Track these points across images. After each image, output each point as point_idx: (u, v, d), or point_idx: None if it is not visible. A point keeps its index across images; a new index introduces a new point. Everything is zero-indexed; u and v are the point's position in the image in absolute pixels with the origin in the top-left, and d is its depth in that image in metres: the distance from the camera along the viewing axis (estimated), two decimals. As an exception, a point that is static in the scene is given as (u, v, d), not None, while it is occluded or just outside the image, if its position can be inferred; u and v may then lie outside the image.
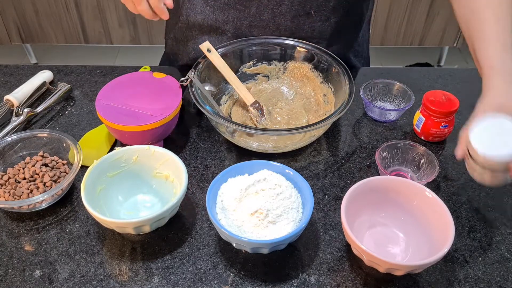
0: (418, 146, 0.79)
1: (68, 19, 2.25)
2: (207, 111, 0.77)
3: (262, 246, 0.62)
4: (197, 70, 0.84)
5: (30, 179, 0.74)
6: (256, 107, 0.87)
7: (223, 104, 0.92)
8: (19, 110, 0.88)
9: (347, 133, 0.88)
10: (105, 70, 1.02)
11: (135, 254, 0.67)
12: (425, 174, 0.77)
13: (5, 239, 0.69)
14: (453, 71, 1.04)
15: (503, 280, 0.65)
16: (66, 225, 0.71)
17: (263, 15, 0.89)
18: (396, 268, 0.59)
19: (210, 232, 0.70)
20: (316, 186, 0.77)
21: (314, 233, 0.70)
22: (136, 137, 0.77)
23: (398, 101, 0.92)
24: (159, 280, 0.64)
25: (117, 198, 0.73)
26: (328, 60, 0.89)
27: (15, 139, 0.77)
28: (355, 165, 0.81)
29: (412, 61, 2.53)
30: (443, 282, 0.65)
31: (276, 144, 0.82)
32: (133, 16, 2.25)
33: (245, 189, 0.67)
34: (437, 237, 0.63)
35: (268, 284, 0.64)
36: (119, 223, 0.64)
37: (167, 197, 0.73)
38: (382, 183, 0.68)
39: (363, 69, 1.04)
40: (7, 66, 1.02)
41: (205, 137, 0.86)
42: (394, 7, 2.20)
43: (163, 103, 0.79)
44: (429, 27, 2.27)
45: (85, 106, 0.93)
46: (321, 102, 0.90)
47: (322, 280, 0.64)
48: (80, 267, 0.65)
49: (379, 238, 0.68)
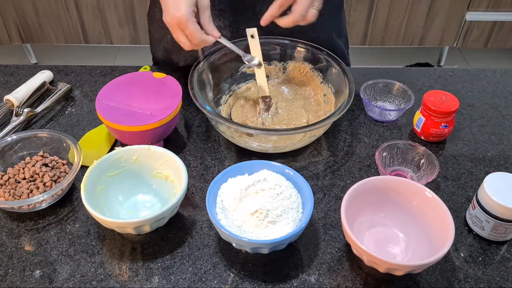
0: (418, 146, 0.79)
1: (68, 19, 2.25)
2: (207, 111, 0.77)
3: (262, 246, 0.62)
4: (197, 70, 0.84)
5: (30, 179, 0.74)
6: (266, 102, 0.87)
7: (223, 104, 0.92)
8: (19, 110, 0.88)
9: (347, 133, 0.88)
10: (105, 70, 1.02)
11: (135, 254, 0.67)
12: (425, 174, 0.77)
13: (5, 239, 0.69)
14: (453, 71, 1.04)
15: (503, 280, 0.65)
16: (66, 225, 0.71)
17: (260, 15, 0.89)
18: (396, 268, 0.59)
19: (210, 232, 0.70)
20: (316, 186, 0.77)
21: (314, 233, 0.70)
22: (136, 137, 0.77)
23: (398, 101, 0.92)
24: (159, 280, 0.64)
25: (117, 198, 0.73)
26: (328, 60, 0.89)
27: (15, 139, 0.77)
28: (355, 165, 0.81)
29: (412, 61, 2.53)
30: (443, 282, 0.65)
31: (276, 144, 0.82)
32: (133, 16, 2.25)
33: (245, 189, 0.67)
34: (437, 237, 0.63)
35: (268, 284, 0.64)
36: (119, 223, 0.64)
37: (167, 197, 0.73)
38: (382, 183, 0.68)
39: (363, 69, 1.04)
40: (7, 66, 1.02)
41: (205, 137, 0.86)
42: (394, 7, 2.20)
43: (163, 103, 0.79)
44: (429, 27, 2.27)
45: (85, 106, 0.93)
46: (321, 102, 0.90)
47: (322, 280, 0.64)
48: (80, 267, 0.65)
49: (379, 238, 0.68)
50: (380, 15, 2.23)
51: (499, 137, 0.87)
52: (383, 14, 2.23)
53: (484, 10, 2.21)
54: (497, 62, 2.60)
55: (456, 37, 2.31)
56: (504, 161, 0.82)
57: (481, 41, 2.33)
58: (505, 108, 0.94)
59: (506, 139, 0.87)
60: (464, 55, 2.64)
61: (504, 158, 0.83)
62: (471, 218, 0.70)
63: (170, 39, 0.99)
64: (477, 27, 2.26)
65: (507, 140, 0.87)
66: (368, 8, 2.21)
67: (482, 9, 2.20)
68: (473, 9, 2.20)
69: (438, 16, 2.22)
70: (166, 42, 1.01)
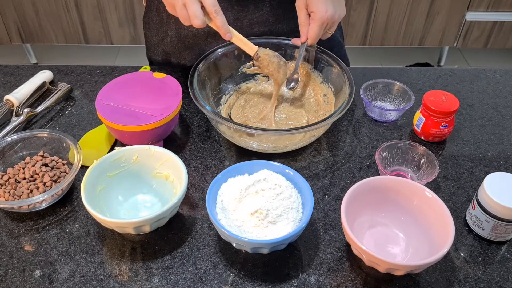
0: (418, 146, 0.79)
1: (68, 19, 2.25)
2: (207, 111, 0.77)
3: (262, 246, 0.62)
4: (197, 70, 0.84)
5: (30, 179, 0.74)
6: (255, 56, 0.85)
7: (223, 104, 0.92)
8: (19, 110, 0.88)
9: (347, 133, 0.88)
10: (105, 70, 1.02)
11: (135, 254, 0.67)
12: (425, 174, 0.77)
13: (5, 239, 0.69)
14: (453, 71, 1.04)
15: (503, 280, 0.65)
16: (66, 225, 0.71)
17: (262, 9, 0.90)
18: (396, 268, 0.59)
19: (210, 232, 0.70)
20: (316, 186, 0.77)
21: (314, 233, 0.70)
22: (136, 137, 0.77)
23: (398, 101, 0.92)
24: (159, 280, 0.64)
25: (117, 198, 0.73)
26: (328, 60, 0.89)
27: (15, 139, 0.77)
28: (355, 165, 0.81)
29: (412, 61, 2.53)
30: (443, 282, 0.65)
31: (276, 144, 0.82)
32: (133, 16, 2.25)
33: (245, 189, 0.67)
34: (437, 237, 0.63)
35: (268, 284, 0.64)
36: (119, 223, 0.64)
37: (167, 197, 0.73)
38: (382, 183, 0.68)
39: (363, 69, 1.04)
40: (7, 66, 1.02)
41: (205, 137, 0.86)
42: (394, 7, 2.20)
43: (163, 103, 0.79)
44: (429, 27, 2.27)
45: (85, 106, 0.93)
46: (321, 102, 0.90)
47: (322, 280, 0.64)
48: (80, 267, 0.65)
49: (379, 238, 0.68)
50: (380, 15, 2.24)
51: (499, 137, 0.87)
52: (383, 14, 2.23)
53: (484, 10, 2.21)
54: (497, 62, 2.60)
55: (456, 37, 2.31)
56: (504, 161, 0.82)
57: (481, 41, 2.33)
58: (505, 108, 0.94)
59: (506, 139, 0.87)
60: (464, 55, 2.64)
61: (504, 158, 0.83)
62: (471, 218, 0.70)
63: (170, 41, 0.99)
64: (477, 27, 2.26)
65: (507, 140, 0.87)
66: (368, 8, 2.21)
67: (482, 9, 2.20)
68: (473, 9, 2.20)
69: (438, 16, 2.22)
70: (165, 45, 1.01)
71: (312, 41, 0.84)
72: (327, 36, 0.87)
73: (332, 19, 0.82)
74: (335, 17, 0.82)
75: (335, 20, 0.83)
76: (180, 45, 0.99)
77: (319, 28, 0.82)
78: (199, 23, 0.73)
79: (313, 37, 0.83)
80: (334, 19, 0.82)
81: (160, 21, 0.99)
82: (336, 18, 0.83)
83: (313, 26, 0.82)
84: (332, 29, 0.86)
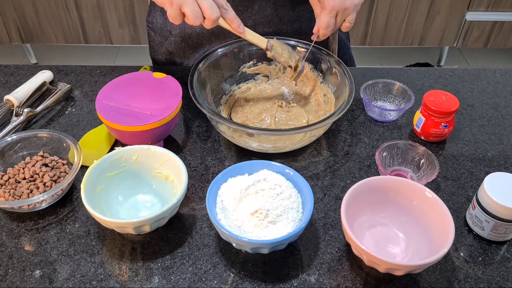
0: (418, 146, 0.79)
1: (68, 19, 2.25)
2: (207, 111, 0.77)
3: (262, 246, 0.62)
4: (197, 70, 0.84)
5: (30, 179, 0.74)
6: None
7: (223, 104, 0.92)
8: (19, 110, 0.88)
9: (347, 133, 0.88)
10: (105, 70, 1.02)
11: (135, 254, 0.67)
12: (425, 174, 0.77)
13: (5, 239, 0.69)
14: (453, 71, 1.04)
15: (503, 280, 0.65)
16: (66, 225, 0.71)
17: (266, 10, 0.89)
18: (396, 268, 0.59)
19: (210, 232, 0.70)
20: (316, 186, 0.77)
21: (314, 233, 0.70)
22: (136, 137, 0.77)
23: (398, 101, 0.92)
24: (159, 280, 0.64)
25: (117, 198, 0.73)
26: (328, 60, 0.89)
27: (15, 139, 0.77)
28: (355, 165, 0.81)
29: (412, 61, 2.53)
30: (443, 282, 0.65)
31: (276, 144, 0.82)
32: (133, 16, 2.25)
33: (245, 189, 0.67)
34: (437, 237, 0.63)
35: (268, 284, 0.64)
36: (119, 223, 0.64)
37: (167, 197, 0.73)
38: (382, 183, 0.68)
39: (363, 69, 1.04)
40: (7, 66, 1.02)
41: (205, 137, 0.86)
42: (394, 7, 2.20)
43: (163, 103, 0.79)
44: (429, 27, 2.27)
45: (85, 106, 0.93)
46: (321, 102, 0.90)
47: (322, 280, 0.64)
48: (80, 267, 0.65)
49: (379, 238, 0.68)
50: (380, 15, 2.24)
51: (499, 137, 0.87)
52: (383, 14, 2.23)
53: (484, 10, 2.21)
54: (497, 62, 2.60)
55: (456, 37, 2.31)
56: (504, 161, 0.82)
57: (481, 41, 2.33)
58: (505, 108, 0.94)
59: (506, 139, 0.87)
60: (464, 55, 2.64)
61: (504, 158, 0.83)
62: (471, 218, 0.70)
63: (173, 41, 0.99)
64: (477, 27, 2.26)
65: (507, 140, 0.87)
66: (368, 8, 2.21)
67: (482, 9, 2.20)
68: (473, 9, 2.20)
69: (438, 16, 2.22)
70: (169, 44, 1.01)
71: (323, 31, 0.82)
72: (347, 26, 0.84)
73: (343, 6, 0.79)
74: (347, 4, 0.80)
75: (347, 7, 0.80)
76: (184, 45, 0.99)
77: (327, 16, 0.80)
78: (215, 15, 0.70)
79: (323, 26, 0.81)
80: (345, 6, 0.80)
81: (164, 20, 0.98)
82: (348, 4, 0.80)
83: (322, 14, 0.81)
84: (351, 17, 0.82)
